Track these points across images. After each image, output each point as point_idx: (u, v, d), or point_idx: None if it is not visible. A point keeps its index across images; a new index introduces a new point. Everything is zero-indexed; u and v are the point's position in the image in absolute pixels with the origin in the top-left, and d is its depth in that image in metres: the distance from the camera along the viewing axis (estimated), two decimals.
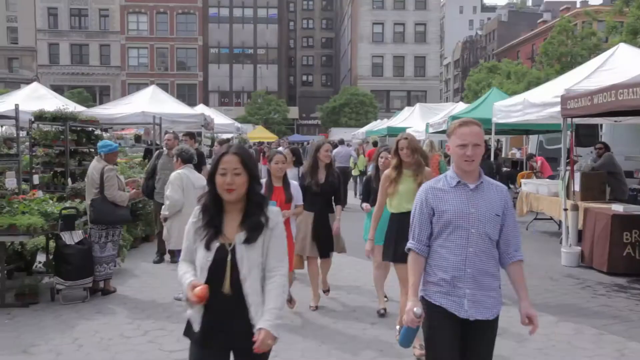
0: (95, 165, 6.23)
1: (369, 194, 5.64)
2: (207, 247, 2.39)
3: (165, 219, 6.03)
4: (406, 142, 4.81)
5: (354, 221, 11.64)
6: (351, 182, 16.78)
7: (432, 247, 2.80)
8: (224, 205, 2.45)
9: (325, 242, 5.82)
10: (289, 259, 5.06)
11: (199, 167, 8.80)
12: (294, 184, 5.45)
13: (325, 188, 5.77)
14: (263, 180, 5.11)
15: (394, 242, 4.75)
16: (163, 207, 6.14)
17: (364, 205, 5.64)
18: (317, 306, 5.79)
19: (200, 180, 6.18)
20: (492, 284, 2.73)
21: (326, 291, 6.17)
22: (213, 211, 2.43)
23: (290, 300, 5.53)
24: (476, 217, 2.69)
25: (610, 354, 4.63)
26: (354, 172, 16.62)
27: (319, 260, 5.90)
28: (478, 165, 2.76)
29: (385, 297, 5.79)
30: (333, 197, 5.92)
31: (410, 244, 2.84)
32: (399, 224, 4.68)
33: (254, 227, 2.40)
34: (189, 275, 2.44)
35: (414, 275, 2.79)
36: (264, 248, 2.41)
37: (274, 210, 2.51)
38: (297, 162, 8.81)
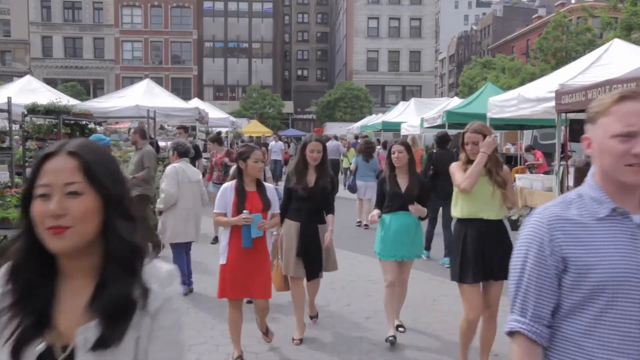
0: None
1: (383, 199, 4.80)
2: (15, 355, 1.15)
3: (160, 213, 6.02)
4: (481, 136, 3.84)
5: (344, 211, 11.67)
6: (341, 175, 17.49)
7: (563, 332, 1.47)
8: (57, 264, 1.22)
9: (314, 259, 4.71)
10: (267, 283, 4.26)
11: (194, 161, 8.83)
12: (269, 187, 4.38)
13: (315, 193, 4.63)
14: (229, 185, 4.23)
15: (461, 256, 3.86)
16: (158, 200, 6.12)
17: (376, 211, 4.77)
18: (301, 339, 4.74)
19: (196, 174, 6.17)
20: None
21: (314, 317, 5.21)
22: (31, 276, 1.20)
23: (267, 333, 4.60)
24: None
25: None
26: (345, 164, 17.64)
27: (305, 281, 4.84)
28: None
29: (401, 326, 5.02)
30: (328, 204, 4.82)
31: (516, 322, 1.51)
32: (467, 232, 3.85)
33: (114, 311, 1.16)
34: None
35: None
36: (137, 355, 1.20)
37: (162, 272, 1.26)
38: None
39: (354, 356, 4.47)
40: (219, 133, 11.06)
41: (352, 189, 10.96)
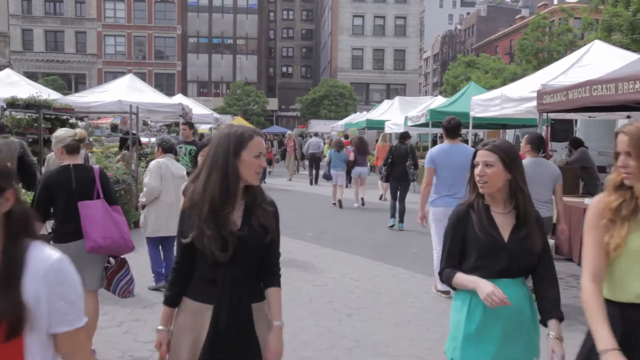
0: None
1: (460, 253, 2.48)
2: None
3: (143, 206, 6.08)
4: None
5: (325, 201, 11.62)
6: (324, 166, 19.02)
7: None
8: None
9: None
10: None
11: (195, 158, 8.69)
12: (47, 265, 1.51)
13: (248, 244, 2.23)
14: None
15: None
16: (141, 194, 6.18)
17: (481, 282, 2.33)
18: None
19: (180, 169, 6.22)
20: None
21: None
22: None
23: None
24: None
25: (578, 343, 4.73)
26: (326, 159, 18.45)
27: None
28: None
29: None
30: (269, 264, 2.35)
31: None
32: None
33: None
34: None
35: None
36: None
37: None
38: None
39: (337, 353, 4.48)
40: (203, 136, 10.85)
41: (328, 177, 13.90)
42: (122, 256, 4.34)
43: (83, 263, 4.07)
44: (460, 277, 2.42)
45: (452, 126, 5.96)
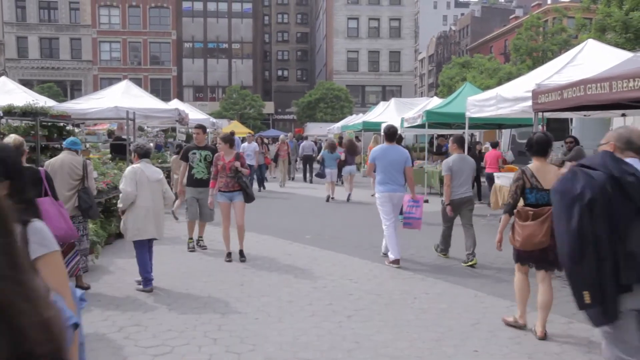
0: (74, 158, 6.42)
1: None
2: None
3: (123, 212, 6.25)
4: None
5: (322, 203, 11.61)
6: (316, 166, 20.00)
7: None
8: None
9: None
10: None
11: (212, 163, 8.23)
12: None
13: None
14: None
15: None
16: (119, 200, 6.35)
17: None
18: None
19: (156, 173, 6.39)
20: None
21: None
22: None
23: None
24: None
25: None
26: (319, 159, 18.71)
27: None
28: None
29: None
30: None
31: None
32: None
33: None
34: None
35: None
36: None
37: None
38: None
39: (337, 354, 4.49)
40: (232, 133, 10.28)
41: (321, 175, 14.76)
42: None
43: None
44: None
45: (391, 133, 7.63)
